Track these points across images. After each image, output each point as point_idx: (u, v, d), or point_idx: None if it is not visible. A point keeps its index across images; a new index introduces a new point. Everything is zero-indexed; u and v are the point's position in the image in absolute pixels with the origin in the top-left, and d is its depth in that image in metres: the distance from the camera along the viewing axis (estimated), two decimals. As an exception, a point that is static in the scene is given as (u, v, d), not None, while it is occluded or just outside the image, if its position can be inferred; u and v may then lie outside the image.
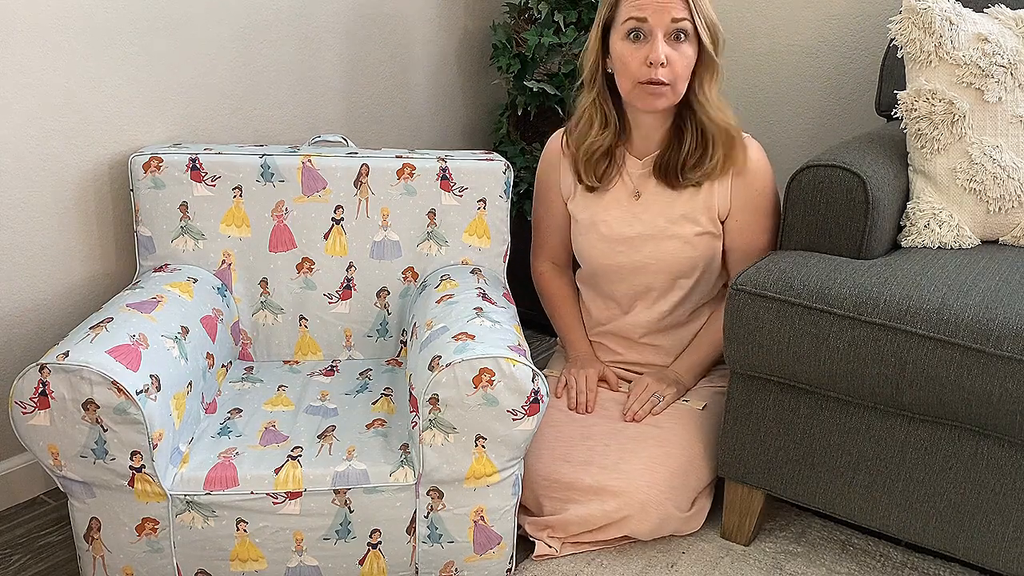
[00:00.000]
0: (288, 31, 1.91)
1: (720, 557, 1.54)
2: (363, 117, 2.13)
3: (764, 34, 2.15)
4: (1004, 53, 1.48)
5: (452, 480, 1.34)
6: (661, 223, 1.63)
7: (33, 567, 1.49)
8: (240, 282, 1.65)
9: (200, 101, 1.78)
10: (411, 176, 1.67)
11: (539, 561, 1.51)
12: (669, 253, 1.63)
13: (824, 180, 1.44)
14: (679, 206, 1.62)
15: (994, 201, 1.49)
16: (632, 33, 1.51)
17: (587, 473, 1.51)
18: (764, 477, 1.49)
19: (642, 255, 1.65)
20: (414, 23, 2.20)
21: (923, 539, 1.38)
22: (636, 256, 1.65)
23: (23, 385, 1.22)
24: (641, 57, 1.50)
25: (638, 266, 1.66)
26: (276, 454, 1.35)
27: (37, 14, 1.50)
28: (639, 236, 1.64)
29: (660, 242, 1.63)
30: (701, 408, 1.65)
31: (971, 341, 1.23)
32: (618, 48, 1.54)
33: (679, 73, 1.51)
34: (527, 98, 2.20)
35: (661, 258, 1.64)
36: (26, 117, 1.52)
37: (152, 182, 1.59)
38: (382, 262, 1.68)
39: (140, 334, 1.32)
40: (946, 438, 1.32)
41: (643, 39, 1.50)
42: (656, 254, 1.64)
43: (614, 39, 1.55)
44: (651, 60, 1.49)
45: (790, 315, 1.36)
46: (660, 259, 1.64)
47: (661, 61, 1.48)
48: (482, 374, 1.28)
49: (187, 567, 1.33)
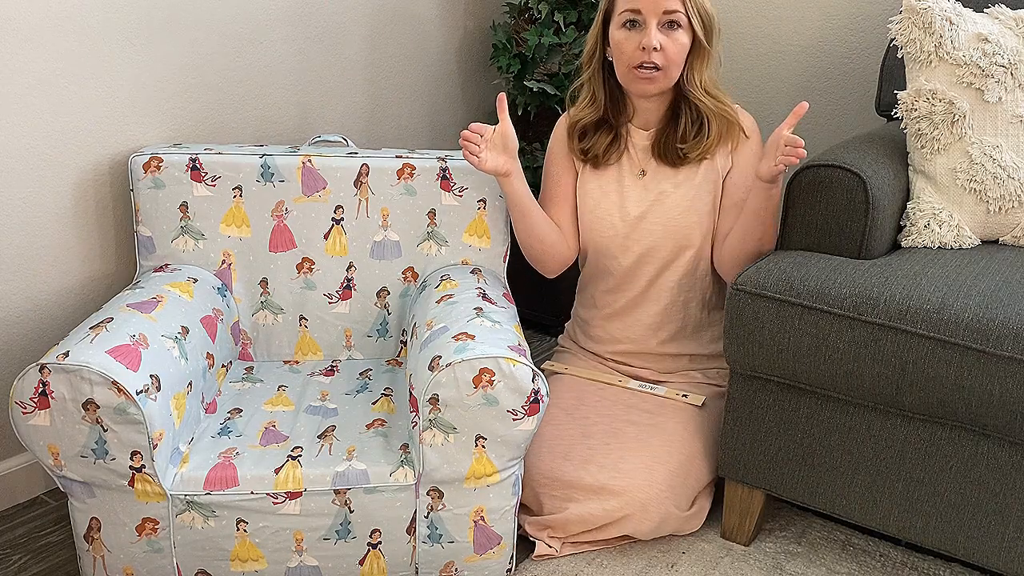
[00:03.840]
0: (288, 32, 1.91)
1: (720, 557, 1.54)
2: (363, 117, 2.13)
3: (764, 34, 2.15)
4: (1004, 53, 1.48)
5: (452, 480, 1.34)
6: (667, 187, 1.67)
7: (33, 567, 1.49)
8: (240, 282, 1.65)
9: (200, 101, 1.78)
10: (411, 176, 1.67)
11: (539, 561, 1.51)
12: (673, 219, 1.66)
13: (824, 180, 1.44)
14: (681, 179, 1.67)
15: (994, 201, 1.49)
16: (628, 22, 1.58)
17: (587, 472, 1.51)
18: (764, 477, 1.49)
19: (646, 222, 1.68)
20: (414, 23, 2.20)
21: (923, 539, 1.38)
22: (641, 225, 1.68)
23: (23, 385, 1.22)
24: (635, 43, 1.57)
25: (643, 234, 1.68)
26: (276, 454, 1.35)
27: (37, 14, 1.50)
28: (645, 210, 1.68)
29: (664, 208, 1.67)
30: (700, 405, 1.66)
31: (971, 341, 1.23)
32: (615, 36, 1.60)
33: (671, 59, 1.57)
34: (527, 98, 2.20)
35: (665, 224, 1.67)
36: (26, 117, 1.52)
37: (152, 182, 1.59)
38: (382, 262, 1.68)
39: (140, 334, 1.32)
40: (946, 438, 1.32)
41: (638, 27, 1.57)
42: (661, 220, 1.67)
43: (612, 28, 1.61)
44: (643, 45, 1.56)
45: (790, 315, 1.36)
46: (665, 225, 1.67)
47: (654, 46, 1.55)
48: (482, 374, 1.28)
49: (187, 567, 1.33)
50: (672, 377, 1.75)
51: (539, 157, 2.23)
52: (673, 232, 1.67)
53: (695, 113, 1.64)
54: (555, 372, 1.80)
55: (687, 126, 1.64)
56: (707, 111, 1.62)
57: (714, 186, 1.66)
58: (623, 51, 1.59)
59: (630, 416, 1.63)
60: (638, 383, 1.73)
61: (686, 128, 1.64)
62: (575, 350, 1.85)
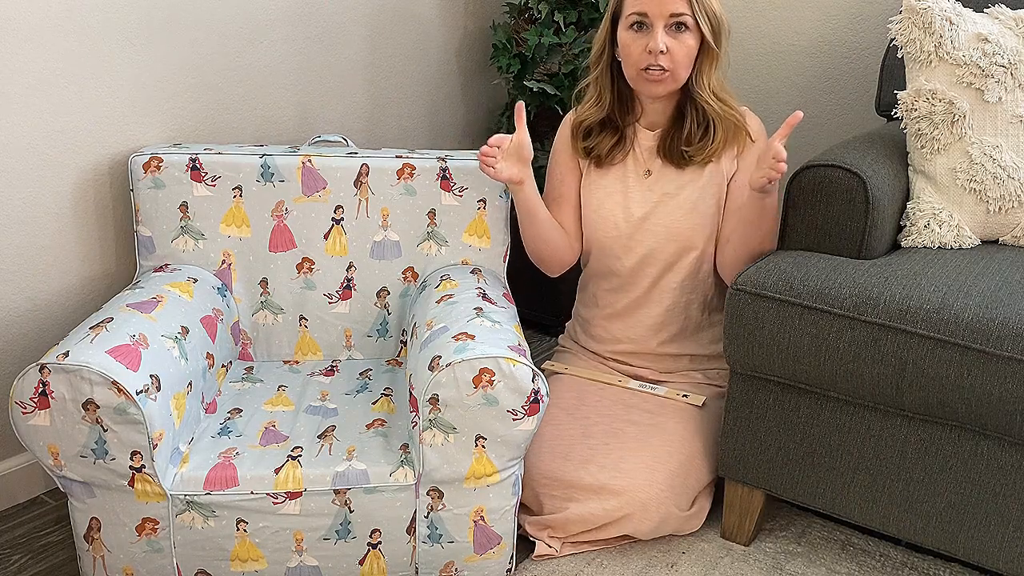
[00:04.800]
0: (288, 32, 1.91)
1: (720, 557, 1.54)
2: (363, 117, 2.13)
3: (764, 34, 2.15)
4: (1004, 53, 1.48)
5: (452, 480, 1.34)
6: (671, 189, 1.67)
7: (33, 567, 1.49)
8: (240, 282, 1.65)
9: (200, 101, 1.78)
10: (411, 176, 1.67)
11: (539, 561, 1.51)
12: (676, 220, 1.67)
13: (824, 180, 1.44)
14: (686, 180, 1.67)
15: (994, 201, 1.49)
16: (635, 24, 1.58)
17: (587, 472, 1.51)
18: (764, 477, 1.49)
19: (650, 223, 1.68)
20: (414, 23, 2.20)
21: (923, 539, 1.38)
22: (644, 226, 1.68)
23: (23, 385, 1.22)
24: (642, 46, 1.57)
25: (646, 235, 1.69)
26: (276, 454, 1.35)
27: (37, 14, 1.50)
28: (649, 210, 1.68)
29: (668, 209, 1.67)
30: (700, 405, 1.66)
31: (971, 341, 1.23)
32: (623, 38, 1.61)
33: (679, 61, 1.57)
34: (527, 98, 2.20)
35: (668, 225, 1.67)
36: (26, 117, 1.52)
37: (152, 182, 1.59)
38: (382, 262, 1.68)
39: (140, 334, 1.32)
40: (946, 438, 1.32)
41: (645, 29, 1.57)
42: (664, 221, 1.67)
43: (620, 30, 1.62)
44: (650, 48, 1.56)
45: (790, 315, 1.36)
46: (668, 226, 1.67)
47: (660, 49, 1.55)
48: (482, 374, 1.28)
49: (187, 567, 1.33)
50: (672, 377, 1.75)
51: (539, 157, 2.23)
52: (676, 234, 1.67)
53: (701, 115, 1.64)
54: (555, 372, 1.80)
55: (692, 128, 1.64)
56: (713, 114, 1.62)
57: (718, 189, 1.66)
58: (630, 53, 1.59)
59: (630, 416, 1.63)
60: (638, 383, 1.73)
61: (691, 130, 1.64)
62: (575, 349, 1.85)
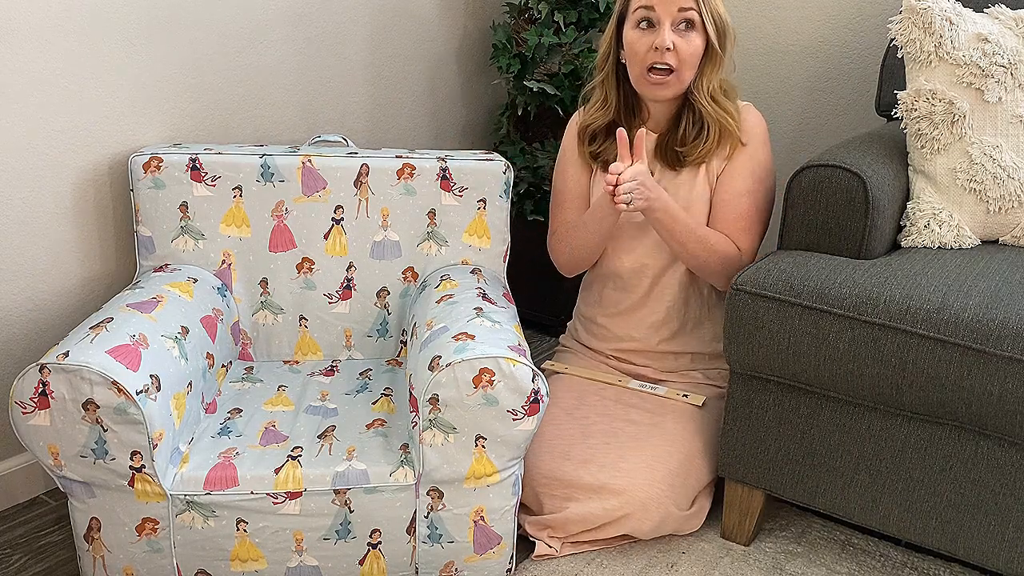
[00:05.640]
0: (288, 32, 1.91)
1: (720, 557, 1.54)
2: (363, 117, 2.13)
3: (764, 34, 2.15)
4: (1004, 53, 1.48)
5: (452, 480, 1.34)
6: (669, 190, 1.67)
7: (33, 567, 1.49)
8: (240, 282, 1.65)
9: (200, 101, 1.78)
10: (411, 176, 1.67)
11: (539, 561, 1.51)
12: None
13: (824, 180, 1.44)
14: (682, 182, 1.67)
15: (994, 201, 1.49)
16: (642, 22, 1.58)
17: (587, 471, 1.51)
18: (764, 477, 1.49)
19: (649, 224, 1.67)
20: (414, 23, 2.20)
21: (923, 539, 1.38)
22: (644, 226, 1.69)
23: (23, 385, 1.22)
24: (648, 43, 1.57)
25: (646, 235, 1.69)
26: (276, 454, 1.35)
27: (37, 14, 1.50)
28: None
29: None
30: (700, 405, 1.66)
31: (971, 341, 1.23)
32: (629, 36, 1.61)
33: (685, 60, 1.57)
34: (527, 98, 2.20)
35: None
36: (26, 117, 1.52)
37: (152, 182, 1.59)
38: (382, 262, 1.68)
39: (140, 334, 1.32)
40: (946, 438, 1.32)
41: (652, 27, 1.57)
42: None
43: (627, 28, 1.62)
44: (657, 45, 1.56)
45: (790, 315, 1.36)
46: None
47: (667, 46, 1.55)
48: (482, 374, 1.28)
49: (187, 567, 1.33)
50: (673, 377, 1.75)
51: (539, 157, 2.23)
52: None
53: (697, 116, 1.64)
54: (555, 372, 1.80)
55: (687, 129, 1.65)
56: (708, 117, 1.63)
57: (709, 190, 1.67)
58: (636, 51, 1.59)
59: (630, 416, 1.63)
60: (638, 383, 1.73)
61: (686, 131, 1.65)
62: (577, 349, 1.85)
